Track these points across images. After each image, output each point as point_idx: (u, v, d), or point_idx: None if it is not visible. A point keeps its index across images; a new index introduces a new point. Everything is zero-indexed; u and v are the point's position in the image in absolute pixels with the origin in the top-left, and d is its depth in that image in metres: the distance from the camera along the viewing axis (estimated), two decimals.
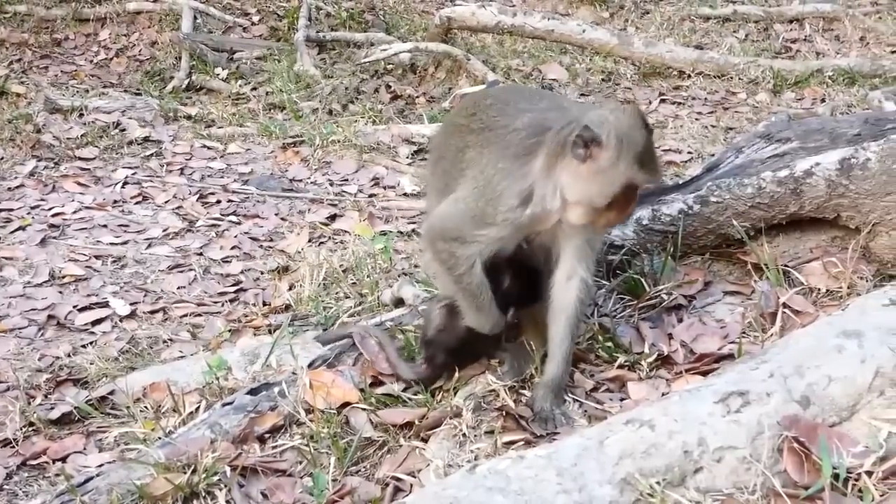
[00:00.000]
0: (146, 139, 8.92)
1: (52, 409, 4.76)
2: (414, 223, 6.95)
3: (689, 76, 10.16)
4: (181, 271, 6.47)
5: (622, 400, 4.14)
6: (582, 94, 9.98)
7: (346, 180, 8.06)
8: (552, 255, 4.09)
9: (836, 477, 3.02)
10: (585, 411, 4.10)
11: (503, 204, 3.90)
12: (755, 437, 3.11)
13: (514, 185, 3.89)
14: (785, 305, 4.49)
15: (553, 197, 3.85)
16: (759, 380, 3.26)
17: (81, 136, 8.84)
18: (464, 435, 3.94)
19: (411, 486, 3.82)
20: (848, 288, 4.63)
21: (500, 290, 4.17)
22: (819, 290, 4.66)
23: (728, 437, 3.10)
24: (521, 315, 4.30)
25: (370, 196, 7.69)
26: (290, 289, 5.91)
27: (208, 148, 8.79)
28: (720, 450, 3.09)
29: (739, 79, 10.01)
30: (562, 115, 3.90)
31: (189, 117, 9.62)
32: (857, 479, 3.03)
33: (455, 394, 4.23)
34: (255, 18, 12.37)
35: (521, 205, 3.89)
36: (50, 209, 7.46)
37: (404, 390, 4.33)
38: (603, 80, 10.35)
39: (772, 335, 4.35)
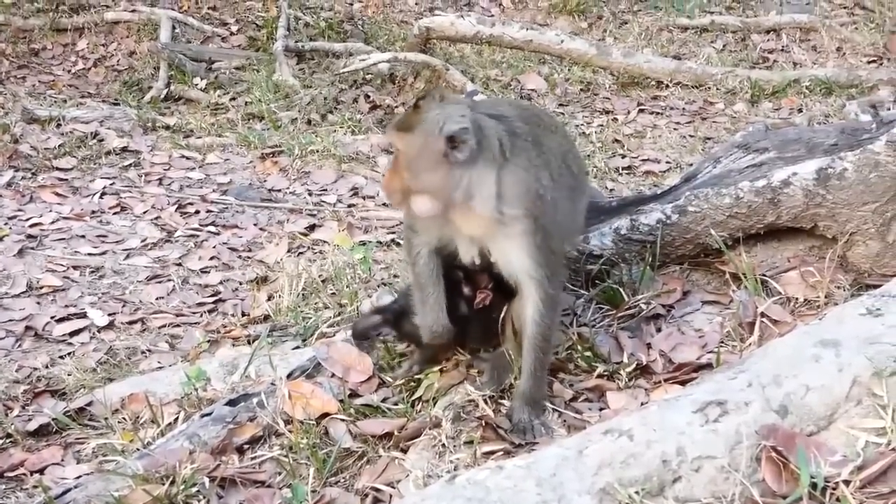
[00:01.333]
0: (124, 149, 8.90)
1: (30, 420, 4.73)
2: (393, 233, 6.94)
3: (668, 86, 10.21)
4: (159, 282, 6.45)
5: (601, 409, 4.14)
6: (560, 104, 10.01)
7: (325, 190, 8.05)
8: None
9: (814, 486, 3.02)
10: (564, 421, 4.10)
11: None
12: (733, 446, 3.11)
13: None
14: (763, 315, 4.50)
15: None
16: (737, 389, 3.27)
17: (59, 146, 8.80)
18: (443, 445, 3.94)
19: (391, 496, 3.81)
20: (825, 297, 4.64)
21: (460, 302, 4.21)
22: (797, 299, 4.67)
23: (706, 446, 3.10)
24: (501, 324, 4.30)
25: (349, 206, 7.68)
26: (268, 299, 5.89)
27: (187, 158, 8.76)
28: (699, 459, 3.09)
29: (717, 89, 10.05)
30: None
31: (167, 127, 9.59)
32: (834, 489, 3.04)
33: (434, 404, 4.23)
34: (234, 28, 12.36)
35: None
36: (27, 220, 7.42)
37: (384, 400, 4.33)
38: (581, 90, 10.38)
39: (750, 344, 4.36)
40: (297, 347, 5.01)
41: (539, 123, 4.31)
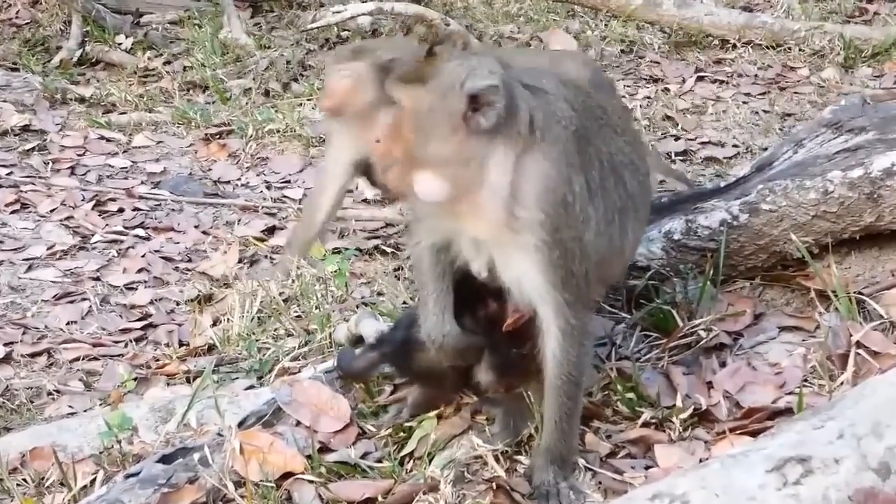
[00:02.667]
0: (25, 128, 8.91)
1: None
2: (377, 237, 6.95)
3: (735, 46, 10.21)
4: (71, 301, 6.45)
5: (647, 468, 4.15)
6: None
7: (288, 182, 8.06)
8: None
9: None
10: (600, 483, 4.11)
11: None
12: None
13: None
14: (859, 345, 4.51)
15: None
16: (824, 442, 3.28)
17: None
18: None
19: None
20: None
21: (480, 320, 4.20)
22: None
23: None
24: (524, 357, 4.31)
25: None
26: (214, 324, 5.90)
27: (107, 140, 8.78)
28: None
29: (800, 50, 10.06)
30: None
31: (82, 100, 9.60)
32: None
33: (430, 461, 4.23)
34: None
35: None
36: None
37: (364, 456, 4.33)
38: (623, 51, 10.40)
39: (842, 383, 4.37)
40: (252, 387, 5.02)
41: (597, 116, 4.29)
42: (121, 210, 7.63)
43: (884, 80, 9.54)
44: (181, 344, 5.89)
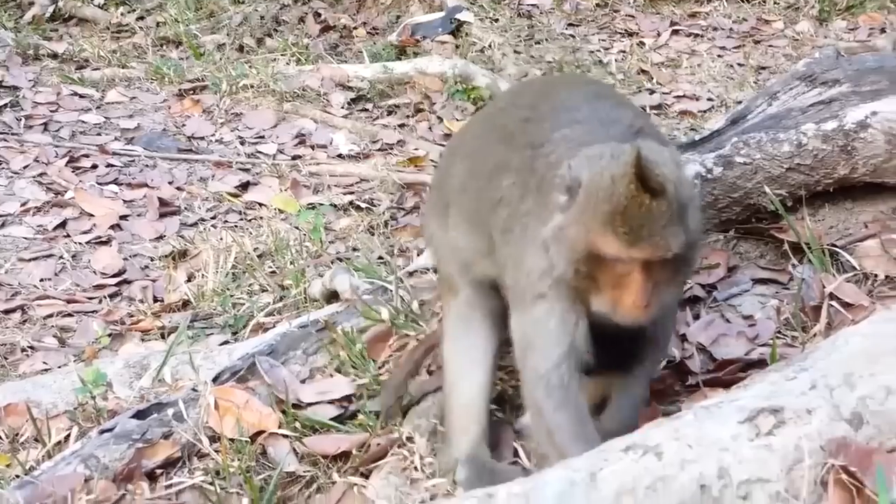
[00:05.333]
0: None
1: None
2: (351, 193, 6.94)
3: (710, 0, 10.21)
4: (45, 258, 6.43)
5: None
6: (570, 24, 10.00)
7: (262, 137, 8.05)
8: None
9: None
10: None
11: (532, 270, 3.60)
12: (792, 466, 3.13)
13: (536, 236, 3.59)
14: (832, 296, 4.52)
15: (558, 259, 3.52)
16: (797, 393, 3.28)
17: None
18: (416, 468, 3.95)
19: None
20: None
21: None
22: (875, 276, 4.69)
23: (757, 466, 3.12)
24: None
25: (294, 158, 7.68)
26: (188, 280, 5.89)
27: (81, 96, 8.74)
28: (747, 483, 3.11)
29: (775, 3, 10.06)
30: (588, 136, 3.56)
31: (55, 56, 9.56)
32: None
33: (405, 416, 4.23)
34: None
35: (547, 271, 3.56)
36: None
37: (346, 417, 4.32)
38: (598, 5, 10.37)
39: (815, 335, 4.38)
40: (226, 342, 5.01)
41: None
42: (94, 166, 7.61)
43: (858, 33, 9.55)
44: (155, 300, 5.88)
